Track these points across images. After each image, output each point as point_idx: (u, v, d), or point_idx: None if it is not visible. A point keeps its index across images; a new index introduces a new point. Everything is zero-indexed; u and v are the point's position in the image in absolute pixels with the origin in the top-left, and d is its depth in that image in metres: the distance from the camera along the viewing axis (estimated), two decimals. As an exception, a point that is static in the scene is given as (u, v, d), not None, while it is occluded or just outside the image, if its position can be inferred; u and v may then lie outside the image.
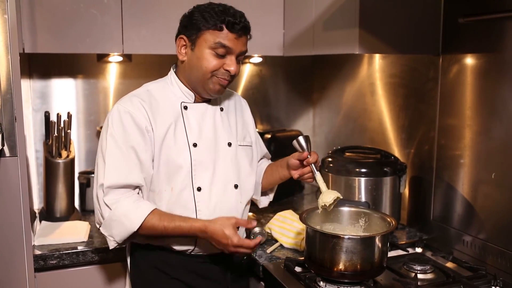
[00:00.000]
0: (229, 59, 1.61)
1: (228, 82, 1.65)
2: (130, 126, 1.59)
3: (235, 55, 1.61)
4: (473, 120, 1.88)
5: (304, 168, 1.71)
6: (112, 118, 1.61)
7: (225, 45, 1.58)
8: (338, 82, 2.77)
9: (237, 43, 1.60)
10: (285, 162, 1.78)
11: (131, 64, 2.62)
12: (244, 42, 1.63)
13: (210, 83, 1.63)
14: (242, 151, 1.77)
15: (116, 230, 1.58)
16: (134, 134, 1.59)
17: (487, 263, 1.82)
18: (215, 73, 1.61)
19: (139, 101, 1.62)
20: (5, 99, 1.71)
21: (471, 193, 1.90)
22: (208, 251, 1.70)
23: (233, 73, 1.62)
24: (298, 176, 1.73)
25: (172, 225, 1.56)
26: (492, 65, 1.79)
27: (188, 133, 1.66)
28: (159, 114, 1.63)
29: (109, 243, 1.62)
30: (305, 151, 1.67)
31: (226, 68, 1.61)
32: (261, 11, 2.43)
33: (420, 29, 1.97)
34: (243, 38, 1.62)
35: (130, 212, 1.56)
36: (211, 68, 1.60)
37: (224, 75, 1.62)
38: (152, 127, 1.61)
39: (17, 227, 1.79)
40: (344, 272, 1.56)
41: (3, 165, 1.74)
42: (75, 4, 2.12)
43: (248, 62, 2.87)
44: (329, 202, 1.64)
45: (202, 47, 1.60)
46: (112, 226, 1.58)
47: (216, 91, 1.65)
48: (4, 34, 1.70)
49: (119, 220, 1.56)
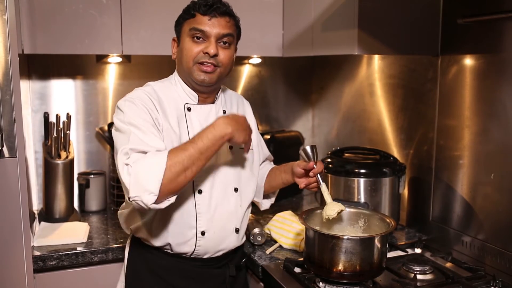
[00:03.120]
0: (207, 42, 1.60)
1: (213, 68, 1.60)
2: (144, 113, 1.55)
3: (214, 37, 1.60)
4: (472, 120, 1.88)
5: (309, 177, 1.70)
6: (124, 105, 1.56)
7: (198, 28, 1.59)
8: (337, 83, 2.77)
9: (212, 25, 1.59)
10: (289, 167, 1.77)
11: (130, 65, 2.62)
12: (223, 24, 1.61)
13: (194, 72, 1.61)
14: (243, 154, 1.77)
15: (147, 178, 1.42)
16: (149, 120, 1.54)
17: (486, 263, 1.82)
18: (196, 59, 1.60)
19: (147, 94, 1.60)
20: (4, 100, 1.71)
21: (470, 193, 1.90)
22: (207, 253, 1.70)
23: (212, 54, 1.58)
24: (305, 186, 1.71)
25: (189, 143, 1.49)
26: (491, 65, 1.80)
27: (191, 135, 1.65)
28: (164, 113, 1.62)
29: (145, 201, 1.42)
30: (311, 161, 1.67)
31: (205, 50, 1.59)
32: (260, 12, 2.43)
33: (419, 30, 1.97)
34: (220, 19, 1.60)
35: (151, 158, 1.44)
36: (191, 54, 1.60)
37: (205, 58, 1.59)
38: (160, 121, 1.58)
39: (16, 228, 1.79)
40: (344, 273, 1.56)
41: (2, 166, 1.74)
42: (74, 5, 2.12)
43: (247, 63, 2.87)
44: (333, 215, 1.65)
45: (183, 39, 1.64)
46: (140, 180, 1.42)
47: (201, 80, 1.61)
48: (3, 35, 1.70)
49: (143, 167, 1.43)
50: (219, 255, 1.72)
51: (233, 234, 1.73)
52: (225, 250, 1.73)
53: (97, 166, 2.60)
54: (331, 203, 1.67)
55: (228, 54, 1.63)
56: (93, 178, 2.47)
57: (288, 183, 1.82)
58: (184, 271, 1.69)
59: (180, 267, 1.69)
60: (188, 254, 1.68)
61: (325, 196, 1.68)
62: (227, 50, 1.63)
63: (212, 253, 1.70)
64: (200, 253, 1.68)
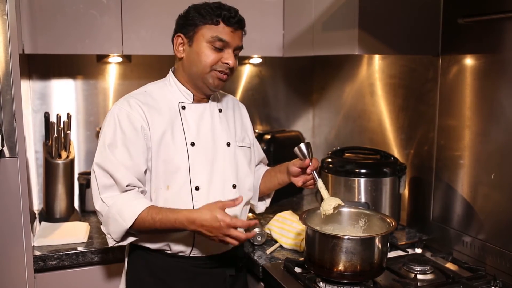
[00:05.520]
0: (226, 52, 1.63)
1: (227, 76, 1.66)
2: (125, 125, 1.60)
3: (232, 49, 1.64)
4: (473, 120, 1.88)
5: (306, 175, 1.72)
6: (110, 119, 1.63)
7: (222, 38, 1.61)
8: (337, 82, 2.77)
9: (234, 37, 1.63)
10: (285, 167, 1.78)
11: (130, 65, 2.62)
12: (240, 37, 1.66)
13: (210, 78, 1.65)
14: (240, 151, 1.78)
15: (112, 227, 1.57)
16: (130, 134, 1.60)
17: (487, 263, 1.82)
18: (214, 67, 1.63)
19: (135, 101, 1.64)
20: (4, 100, 1.71)
21: (471, 193, 1.90)
22: (206, 252, 1.70)
23: (231, 66, 1.64)
24: (302, 184, 1.73)
25: (159, 216, 1.53)
26: (491, 65, 1.80)
27: (186, 132, 1.67)
28: (157, 114, 1.65)
29: (108, 241, 1.61)
30: (306, 159, 1.68)
31: (224, 61, 1.63)
32: (261, 12, 2.43)
33: (420, 30, 1.97)
34: (239, 32, 1.65)
35: (125, 209, 1.55)
36: (210, 62, 1.62)
37: (223, 67, 1.63)
38: (149, 127, 1.62)
39: (16, 228, 1.79)
40: (344, 273, 1.56)
41: (2, 166, 1.74)
42: (74, 5, 2.12)
43: (247, 63, 2.87)
44: (329, 210, 1.65)
45: (200, 42, 1.62)
46: (109, 223, 1.57)
47: (216, 86, 1.67)
48: (3, 35, 1.70)
49: (114, 217, 1.56)
50: (218, 253, 1.72)
51: (232, 231, 1.73)
52: (224, 248, 1.73)
53: (98, 166, 2.60)
54: (328, 198, 1.67)
55: (237, 62, 1.69)
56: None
57: (284, 184, 1.82)
58: (184, 271, 1.69)
59: (179, 267, 1.69)
60: (187, 252, 1.68)
61: (322, 192, 1.68)
62: (236, 60, 1.68)
63: (210, 252, 1.70)
64: (198, 252, 1.69)
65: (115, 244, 1.60)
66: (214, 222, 1.47)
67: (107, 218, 1.57)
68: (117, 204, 1.56)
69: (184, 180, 1.64)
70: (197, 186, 1.65)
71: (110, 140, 1.60)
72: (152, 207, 1.56)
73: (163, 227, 1.54)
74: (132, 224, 1.54)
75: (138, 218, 1.53)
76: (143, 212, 1.54)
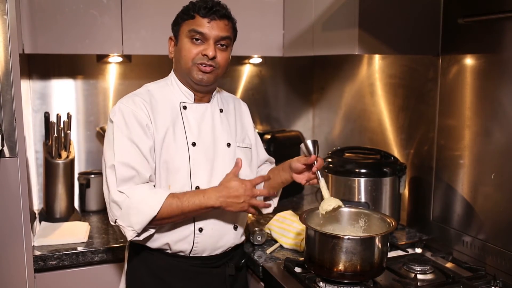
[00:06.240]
0: (206, 44, 1.63)
1: (211, 68, 1.64)
2: (132, 123, 1.60)
3: (212, 40, 1.63)
4: (473, 120, 1.88)
5: (309, 173, 1.71)
6: (115, 117, 1.62)
7: (197, 30, 1.62)
8: (337, 82, 2.77)
9: (211, 28, 1.62)
10: (287, 165, 1.77)
11: (130, 65, 2.62)
12: (221, 27, 1.64)
13: (193, 72, 1.65)
14: (241, 152, 1.78)
15: (135, 217, 1.53)
16: (137, 131, 1.60)
17: (487, 263, 1.82)
18: (195, 61, 1.63)
19: (140, 100, 1.65)
20: (4, 99, 1.71)
21: (471, 193, 1.90)
22: (206, 252, 1.70)
23: (211, 57, 1.62)
24: (306, 181, 1.72)
25: (186, 197, 1.56)
26: (491, 65, 1.80)
27: (187, 132, 1.67)
28: (159, 114, 1.65)
29: (128, 234, 1.56)
30: (312, 155, 1.67)
31: (203, 52, 1.62)
32: (261, 12, 2.43)
33: (420, 29, 1.97)
34: (219, 22, 1.63)
35: (148, 197, 1.55)
36: (190, 55, 1.63)
37: (203, 60, 1.63)
38: (153, 126, 1.63)
39: (16, 227, 1.79)
40: (344, 273, 1.56)
41: (2, 166, 1.74)
42: (74, 5, 2.12)
43: (247, 63, 2.87)
44: (328, 210, 1.65)
45: (182, 39, 1.66)
46: (130, 215, 1.54)
47: (200, 80, 1.65)
48: (3, 35, 1.70)
49: (137, 207, 1.53)
50: (218, 253, 1.72)
51: (232, 231, 1.73)
52: (223, 247, 1.73)
53: (98, 166, 2.59)
54: (328, 198, 1.67)
55: (225, 56, 1.67)
56: (94, 177, 2.47)
57: (287, 182, 1.81)
58: (184, 271, 1.69)
59: (180, 267, 1.69)
60: (187, 252, 1.68)
61: (323, 191, 1.68)
62: (224, 52, 1.66)
63: (210, 251, 1.70)
64: (198, 251, 1.69)
65: (134, 237, 1.57)
66: (239, 186, 1.57)
67: (127, 209, 1.54)
68: (138, 194, 1.55)
69: (184, 180, 1.64)
70: (197, 186, 1.65)
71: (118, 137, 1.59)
72: (175, 193, 1.58)
73: (191, 207, 1.56)
74: (159, 211, 1.53)
75: (164, 203, 1.54)
76: (168, 197, 1.55)
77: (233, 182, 1.58)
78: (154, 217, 1.53)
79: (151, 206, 1.53)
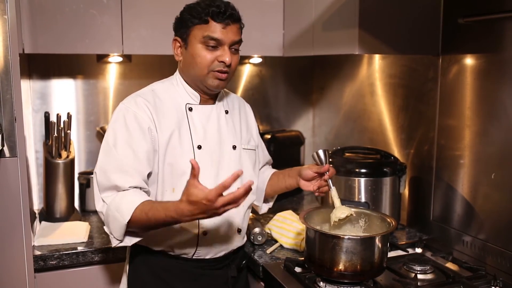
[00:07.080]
0: (221, 50, 1.59)
1: (226, 75, 1.61)
2: (132, 126, 1.57)
3: (227, 45, 1.59)
4: (473, 120, 1.88)
5: (320, 181, 1.70)
6: (116, 118, 1.60)
7: (213, 37, 1.57)
8: (337, 82, 2.77)
9: (226, 33, 1.58)
10: (295, 172, 1.76)
11: (130, 65, 2.62)
12: (235, 31, 1.60)
13: (209, 79, 1.61)
14: (246, 154, 1.76)
15: (112, 225, 1.53)
16: (136, 134, 1.57)
17: (487, 263, 1.82)
18: (211, 68, 1.59)
19: (143, 101, 1.61)
20: (5, 99, 1.71)
21: (471, 193, 1.90)
22: (209, 254, 1.69)
23: (228, 63, 1.58)
24: (317, 189, 1.70)
25: (152, 212, 1.46)
26: (491, 65, 1.80)
27: (193, 135, 1.65)
28: (164, 115, 1.62)
29: (112, 241, 1.57)
30: (325, 165, 1.67)
31: (220, 59, 1.58)
32: (261, 12, 2.43)
33: (420, 29, 1.97)
34: (232, 27, 1.59)
35: (122, 205, 1.51)
36: (206, 63, 1.58)
37: (220, 66, 1.59)
38: (156, 128, 1.59)
39: (17, 227, 1.79)
40: (344, 273, 1.56)
41: (3, 166, 1.74)
42: (74, 4, 2.12)
43: (248, 63, 2.87)
44: (342, 217, 1.66)
45: (194, 44, 1.59)
46: (109, 222, 1.54)
47: (216, 86, 1.63)
48: (3, 35, 1.70)
49: (113, 214, 1.52)
50: (221, 255, 1.72)
51: (235, 234, 1.73)
52: (226, 250, 1.72)
53: (98, 165, 2.60)
54: (340, 207, 1.68)
55: (237, 59, 1.64)
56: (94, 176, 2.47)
57: (291, 188, 1.81)
58: (186, 272, 1.69)
59: (182, 268, 1.68)
60: (190, 255, 1.67)
61: (334, 200, 1.69)
62: (235, 56, 1.63)
63: (213, 254, 1.70)
64: (201, 254, 1.68)
65: (118, 243, 1.55)
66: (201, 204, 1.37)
67: (107, 216, 1.54)
68: (115, 200, 1.53)
69: None
70: None
71: (115, 140, 1.57)
72: (146, 204, 1.49)
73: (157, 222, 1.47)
74: (130, 219, 1.48)
75: (135, 215, 1.48)
76: (138, 210, 1.48)
77: (193, 198, 1.38)
78: (126, 224, 1.49)
79: (123, 214, 1.49)
